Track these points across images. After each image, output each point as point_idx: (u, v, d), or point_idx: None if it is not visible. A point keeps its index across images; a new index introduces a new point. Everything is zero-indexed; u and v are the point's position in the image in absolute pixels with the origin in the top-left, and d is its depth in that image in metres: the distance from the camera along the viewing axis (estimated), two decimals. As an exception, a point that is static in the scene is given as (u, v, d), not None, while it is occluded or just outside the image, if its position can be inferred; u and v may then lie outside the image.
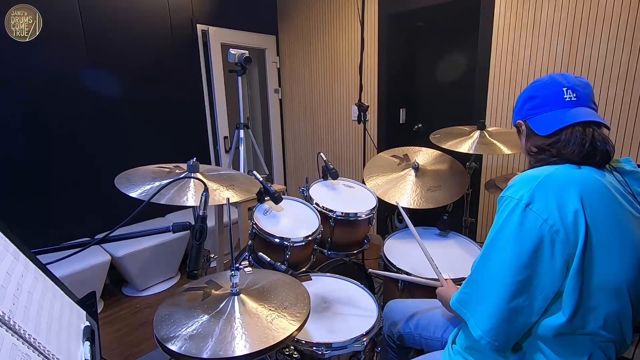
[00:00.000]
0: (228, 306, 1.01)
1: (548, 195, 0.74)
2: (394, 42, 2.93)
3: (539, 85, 0.93)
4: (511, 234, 0.76)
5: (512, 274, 0.75)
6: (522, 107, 0.96)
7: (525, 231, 0.74)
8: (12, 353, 0.48)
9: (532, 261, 0.74)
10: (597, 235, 0.74)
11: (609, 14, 1.91)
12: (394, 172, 1.90)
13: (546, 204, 0.74)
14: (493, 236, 0.80)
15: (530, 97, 0.94)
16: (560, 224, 0.72)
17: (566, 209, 0.73)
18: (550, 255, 0.73)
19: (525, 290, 0.75)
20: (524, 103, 0.95)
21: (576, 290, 0.73)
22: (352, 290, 1.48)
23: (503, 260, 0.77)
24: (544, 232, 0.73)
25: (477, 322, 0.81)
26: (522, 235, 0.75)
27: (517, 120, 0.97)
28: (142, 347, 2.12)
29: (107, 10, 2.57)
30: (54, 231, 2.49)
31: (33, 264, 0.71)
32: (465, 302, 0.86)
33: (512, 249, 0.76)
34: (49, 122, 2.40)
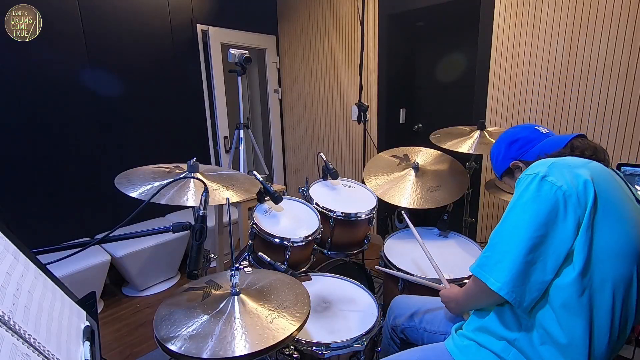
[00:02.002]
0: (228, 306, 1.01)
1: (562, 170, 0.84)
2: (394, 42, 2.94)
3: (514, 132, 1.11)
4: (529, 199, 0.84)
5: (529, 230, 0.82)
6: (509, 150, 1.09)
7: (541, 196, 0.83)
8: (12, 353, 0.48)
9: (548, 220, 0.82)
10: (603, 204, 0.82)
11: (609, 14, 1.91)
12: (394, 172, 1.90)
13: (560, 175, 0.83)
14: (512, 204, 0.88)
15: (513, 140, 1.09)
16: (572, 189, 0.81)
17: (577, 180, 0.82)
18: (564, 215, 0.81)
19: (541, 246, 0.82)
20: (508, 147, 1.09)
21: (585, 246, 0.81)
22: (352, 290, 1.48)
23: (522, 221, 0.84)
24: (558, 196, 0.82)
25: (497, 277, 0.86)
26: (539, 199, 0.83)
27: (509, 163, 1.08)
28: (142, 347, 2.12)
29: (107, 10, 2.58)
30: (54, 231, 2.49)
31: (33, 264, 0.71)
32: (484, 264, 0.90)
33: (529, 210, 0.84)
34: (48, 122, 2.40)
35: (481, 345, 0.95)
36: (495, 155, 1.15)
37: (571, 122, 2.11)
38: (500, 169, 1.12)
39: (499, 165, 1.12)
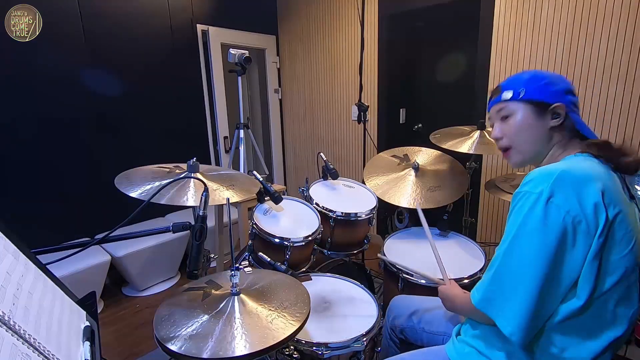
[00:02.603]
0: (228, 306, 1.01)
1: (567, 189, 0.75)
2: (394, 42, 2.93)
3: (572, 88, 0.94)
4: (535, 228, 0.76)
5: (538, 264, 0.76)
6: (564, 94, 0.91)
7: (549, 224, 0.75)
8: (12, 353, 0.48)
9: (557, 250, 0.75)
10: (614, 227, 0.76)
11: (609, 14, 1.91)
12: (394, 172, 1.90)
13: (566, 196, 0.75)
14: (515, 232, 0.79)
15: (571, 91, 0.92)
16: (582, 215, 0.74)
17: (586, 201, 0.74)
18: (572, 243, 0.75)
19: (551, 281, 0.76)
20: (565, 92, 0.91)
21: (592, 277, 0.75)
22: (352, 290, 1.48)
23: (529, 255, 0.77)
24: (567, 223, 0.74)
25: (508, 319, 0.80)
26: (547, 228, 0.75)
27: (553, 100, 0.89)
28: (142, 347, 2.12)
29: (107, 10, 2.57)
30: (54, 231, 2.49)
31: (33, 264, 0.71)
32: (491, 299, 0.84)
33: (537, 242, 0.76)
34: (49, 122, 2.40)
35: (482, 354, 0.94)
36: (532, 77, 0.93)
37: (571, 122, 2.11)
38: (532, 93, 0.91)
39: (533, 88, 0.91)
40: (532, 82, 0.92)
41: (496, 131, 0.99)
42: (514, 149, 0.96)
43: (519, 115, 0.93)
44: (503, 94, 0.96)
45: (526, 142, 0.94)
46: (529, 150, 0.94)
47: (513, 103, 0.94)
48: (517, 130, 0.94)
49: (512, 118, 0.94)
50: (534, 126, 0.92)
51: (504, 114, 0.96)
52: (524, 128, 0.93)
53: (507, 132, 0.96)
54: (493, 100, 1.00)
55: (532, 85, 0.92)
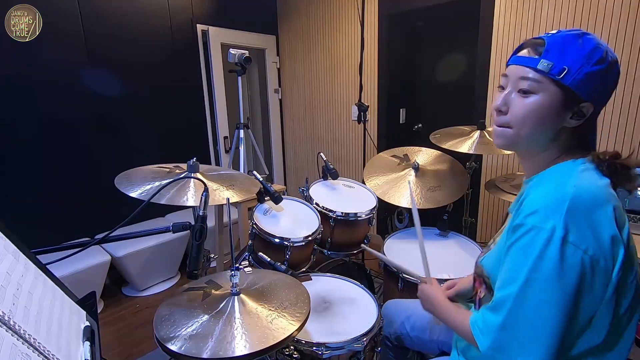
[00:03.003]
0: (228, 306, 1.01)
1: (581, 222, 0.66)
2: (394, 42, 2.93)
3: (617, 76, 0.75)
4: (552, 275, 0.66)
5: (559, 316, 0.66)
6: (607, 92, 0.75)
7: (567, 268, 0.65)
8: (12, 353, 0.48)
9: (576, 296, 0.66)
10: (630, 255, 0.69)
11: (609, 14, 1.91)
12: (394, 172, 1.90)
13: (582, 232, 0.65)
14: (527, 276, 0.68)
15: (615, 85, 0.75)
16: (599, 252, 0.65)
17: (602, 234, 0.66)
18: (590, 283, 0.66)
19: (570, 326, 0.68)
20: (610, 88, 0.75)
21: (610, 310, 0.69)
22: (352, 290, 1.48)
23: (547, 303, 0.67)
24: (585, 264, 0.65)
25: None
26: (564, 273, 0.65)
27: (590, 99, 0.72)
28: (142, 347, 2.12)
29: (107, 10, 2.57)
30: (54, 231, 2.49)
31: (33, 264, 0.71)
32: (503, 348, 0.72)
33: (555, 290, 0.66)
34: (49, 122, 2.40)
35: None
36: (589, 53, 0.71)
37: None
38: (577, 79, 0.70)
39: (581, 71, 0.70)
40: (583, 63, 0.70)
41: (501, 101, 0.78)
42: (512, 131, 0.78)
43: (541, 98, 0.73)
44: (541, 62, 0.72)
45: (531, 133, 0.77)
46: (527, 142, 0.79)
47: (545, 79, 0.72)
48: (529, 115, 0.75)
49: (531, 97, 0.74)
50: (550, 119, 0.74)
51: (524, 87, 0.74)
52: (539, 116, 0.74)
53: (516, 110, 0.76)
54: (523, 59, 0.76)
55: (580, 67, 0.70)
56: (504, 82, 0.80)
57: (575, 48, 0.71)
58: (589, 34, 0.73)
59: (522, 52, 0.78)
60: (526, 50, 0.77)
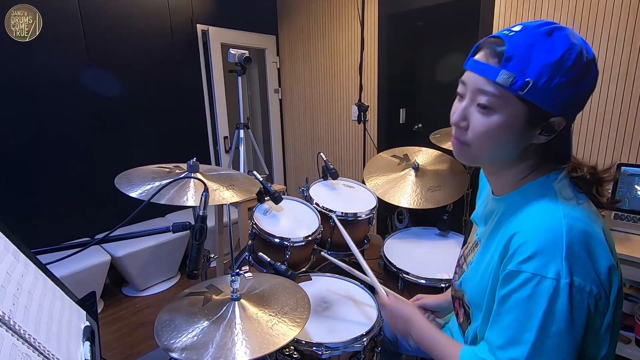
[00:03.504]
0: (229, 312, 1.01)
1: (582, 260, 0.60)
2: (394, 42, 2.93)
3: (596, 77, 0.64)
4: (564, 326, 0.60)
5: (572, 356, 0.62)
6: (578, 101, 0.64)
7: (576, 316, 0.60)
8: (12, 353, 0.48)
9: (584, 331, 0.62)
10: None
11: (609, 14, 1.91)
12: (394, 172, 1.90)
13: (585, 271, 0.60)
14: (537, 335, 0.61)
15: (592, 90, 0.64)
16: (601, 289, 0.61)
17: (600, 267, 0.61)
18: (594, 317, 0.63)
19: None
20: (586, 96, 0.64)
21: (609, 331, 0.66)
22: (352, 290, 1.48)
23: (561, 353, 0.61)
24: (590, 305, 0.61)
25: None
26: (575, 321, 0.60)
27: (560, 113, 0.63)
28: (142, 347, 2.12)
29: (107, 10, 2.58)
30: (54, 231, 2.49)
31: (33, 264, 0.71)
32: None
33: (569, 341, 0.61)
34: (49, 122, 2.40)
35: None
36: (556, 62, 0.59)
37: (571, 122, 2.11)
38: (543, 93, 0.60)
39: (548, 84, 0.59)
40: (552, 73, 0.59)
41: (459, 116, 0.69)
42: (471, 149, 0.70)
43: (503, 117, 0.64)
44: (501, 73, 0.61)
45: (492, 153, 0.69)
46: (489, 161, 0.73)
47: (506, 94, 0.62)
48: (489, 135, 0.66)
49: (492, 115, 0.64)
50: (514, 138, 0.66)
51: (483, 102, 0.65)
52: (500, 135, 0.65)
53: (475, 128, 0.67)
54: (479, 66, 0.66)
55: (549, 80, 0.60)
56: (461, 89, 0.70)
57: (543, 53, 0.60)
58: (561, 28, 0.62)
59: (479, 56, 0.67)
60: (484, 54, 0.66)
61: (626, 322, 1.71)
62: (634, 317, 1.67)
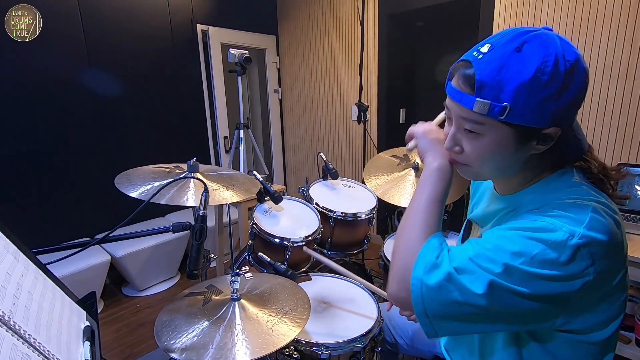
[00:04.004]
0: (229, 312, 1.01)
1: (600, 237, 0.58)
2: (394, 42, 2.94)
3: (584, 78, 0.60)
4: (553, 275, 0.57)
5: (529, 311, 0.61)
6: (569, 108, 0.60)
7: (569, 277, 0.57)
8: (12, 353, 0.48)
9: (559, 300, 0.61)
10: None
11: (609, 14, 1.91)
12: (394, 172, 1.90)
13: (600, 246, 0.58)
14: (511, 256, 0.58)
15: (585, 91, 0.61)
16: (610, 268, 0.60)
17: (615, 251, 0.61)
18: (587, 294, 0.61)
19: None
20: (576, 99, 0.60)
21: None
22: (352, 290, 1.48)
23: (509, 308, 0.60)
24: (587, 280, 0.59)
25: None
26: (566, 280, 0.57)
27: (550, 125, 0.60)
28: (142, 347, 2.12)
29: (107, 10, 2.58)
30: (54, 231, 2.49)
31: (33, 264, 0.71)
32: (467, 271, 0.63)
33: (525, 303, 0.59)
34: (48, 122, 2.40)
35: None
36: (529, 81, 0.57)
37: (571, 122, 2.11)
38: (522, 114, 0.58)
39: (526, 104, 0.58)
40: (529, 92, 0.57)
41: (450, 142, 0.70)
42: (472, 169, 0.70)
43: (491, 140, 0.63)
44: (475, 102, 0.60)
45: (491, 169, 0.68)
46: (489, 176, 0.73)
47: (487, 120, 0.61)
48: (484, 156, 0.66)
49: (480, 139, 0.64)
50: (509, 155, 0.64)
51: (468, 128, 0.65)
52: (496, 156, 0.65)
53: (469, 152, 0.67)
54: (456, 94, 0.65)
55: (527, 100, 0.58)
56: (448, 113, 0.72)
57: (515, 73, 0.57)
58: (530, 39, 0.59)
59: (454, 82, 0.66)
60: (457, 80, 0.65)
61: (626, 322, 1.71)
62: (634, 317, 1.67)
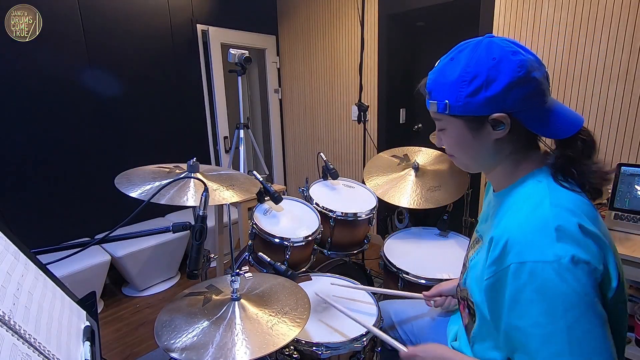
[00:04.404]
0: (229, 312, 1.01)
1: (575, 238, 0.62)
2: (394, 42, 2.93)
3: (528, 62, 0.69)
4: (588, 306, 0.60)
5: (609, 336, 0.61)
6: (507, 92, 0.68)
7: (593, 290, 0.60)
8: (12, 353, 0.48)
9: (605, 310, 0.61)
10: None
11: (609, 14, 1.91)
12: (394, 172, 1.90)
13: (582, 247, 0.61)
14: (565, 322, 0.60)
15: (522, 79, 0.68)
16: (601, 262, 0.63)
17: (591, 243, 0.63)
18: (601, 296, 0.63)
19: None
20: (509, 88, 0.68)
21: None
22: (352, 290, 1.48)
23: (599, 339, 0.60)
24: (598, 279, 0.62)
25: None
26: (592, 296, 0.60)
27: (492, 112, 0.70)
28: (142, 347, 2.12)
29: (107, 10, 2.58)
30: (54, 231, 2.49)
31: (33, 264, 0.71)
32: None
33: (597, 320, 0.60)
34: (48, 122, 2.41)
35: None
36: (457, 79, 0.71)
37: (571, 122, 2.11)
38: (459, 107, 0.71)
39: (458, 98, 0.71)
40: (458, 89, 0.71)
41: (438, 140, 0.85)
42: (458, 160, 0.83)
43: (452, 131, 0.77)
44: (430, 104, 0.78)
45: (468, 157, 0.81)
46: (473, 164, 0.82)
47: (441, 116, 0.77)
48: (455, 147, 0.80)
49: (445, 133, 0.80)
50: (472, 142, 0.76)
51: (437, 125, 0.81)
52: (462, 145, 0.78)
53: (445, 145, 0.83)
54: (426, 102, 0.81)
55: (457, 94, 0.71)
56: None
57: (447, 77, 0.73)
58: (463, 49, 0.73)
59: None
60: (422, 91, 0.82)
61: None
62: (634, 317, 1.67)
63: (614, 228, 1.62)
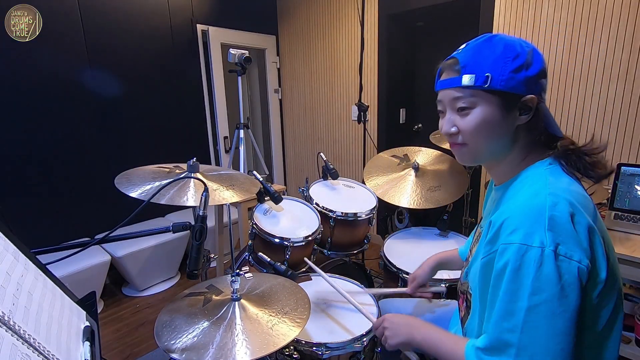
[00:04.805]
0: (229, 312, 1.01)
1: (570, 232, 0.63)
2: (394, 42, 2.93)
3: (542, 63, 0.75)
4: (553, 296, 0.62)
5: (569, 333, 0.62)
6: (538, 79, 0.73)
7: (566, 285, 0.62)
8: (12, 353, 0.48)
9: (580, 309, 0.63)
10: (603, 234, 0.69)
11: (609, 14, 1.91)
12: (394, 172, 1.90)
13: (571, 239, 0.63)
14: (529, 304, 0.63)
15: (545, 72, 0.75)
16: (589, 257, 0.63)
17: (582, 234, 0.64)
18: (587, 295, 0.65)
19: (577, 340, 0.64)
20: (539, 75, 0.73)
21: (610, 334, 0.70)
22: (352, 290, 1.48)
23: (555, 329, 0.62)
24: (582, 275, 0.62)
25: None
26: (564, 289, 0.62)
27: (528, 92, 0.72)
28: (142, 347, 2.12)
29: (107, 10, 2.58)
30: (54, 231, 2.49)
31: (33, 264, 0.71)
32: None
33: (560, 313, 0.62)
34: (48, 122, 2.41)
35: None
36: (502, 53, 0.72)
37: (571, 122, 2.11)
38: (503, 80, 0.71)
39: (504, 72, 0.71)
40: (503, 63, 0.71)
41: (448, 125, 0.79)
42: (469, 148, 0.78)
43: (481, 111, 0.74)
44: (463, 78, 0.73)
45: (486, 144, 0.76)
46: (486, 152, 0.78)
47: (476, 92, 0.73)
48: (477, 129, 0.75)
49: (473, 112, 0.74)
50: (499, 125, 0.74)
51: (461, 105, 0.75)
52: (487, 127, 0.74)
53: (464, 128, 0.76)
54: (446, 82, 0.77)
55: (502, 69, 0.71)
56: (441, 107, 0.82)
57: (488, 52, 0.73)
58: (496, 35, 0.76)
59: (443, 76, 0.79)
60: (446, 73, 0.78)
61: (626, 322, 1.71)
62: (634, 317, 1.67)
63: (614, 228, 1.62)
